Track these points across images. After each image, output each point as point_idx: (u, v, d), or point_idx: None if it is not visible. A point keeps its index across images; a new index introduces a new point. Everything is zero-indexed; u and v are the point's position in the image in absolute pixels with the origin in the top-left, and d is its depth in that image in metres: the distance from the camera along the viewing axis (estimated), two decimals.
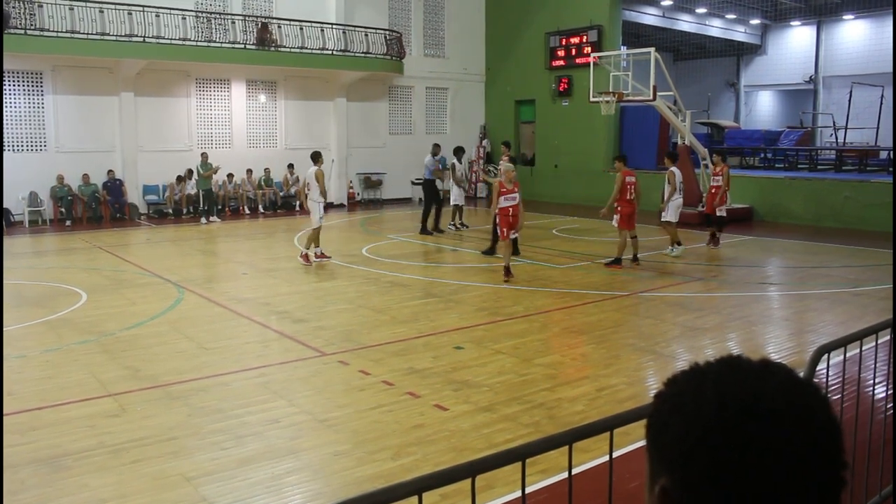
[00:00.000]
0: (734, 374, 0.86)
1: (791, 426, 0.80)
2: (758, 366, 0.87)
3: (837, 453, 0.82)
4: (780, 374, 0.86)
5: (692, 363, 0.91)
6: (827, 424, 0.83)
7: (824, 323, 8.44)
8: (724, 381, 0.85)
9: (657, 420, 0.88)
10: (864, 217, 16.13)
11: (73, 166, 18.14)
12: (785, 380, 0.85)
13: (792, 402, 0.82)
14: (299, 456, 4.91)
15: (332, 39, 21.07)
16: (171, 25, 18.33)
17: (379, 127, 23.56)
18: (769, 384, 0.84)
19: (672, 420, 0.85)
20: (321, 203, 12.25)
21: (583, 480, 4.19)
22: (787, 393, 0.83)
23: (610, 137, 21.53)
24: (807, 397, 0.84)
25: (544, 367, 6.75)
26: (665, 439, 0.86)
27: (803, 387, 0.85)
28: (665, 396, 0.89)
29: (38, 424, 5.40)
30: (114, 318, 8.62)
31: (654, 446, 0.88)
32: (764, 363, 0.87)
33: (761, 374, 0.85)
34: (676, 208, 12.73)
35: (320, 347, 7.41)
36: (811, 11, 31.12)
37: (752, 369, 0.87)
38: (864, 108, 26.07)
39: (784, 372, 0.87)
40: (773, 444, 0.79)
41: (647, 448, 0.90)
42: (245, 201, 20.40)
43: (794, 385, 0.85)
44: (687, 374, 0.89)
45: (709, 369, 0.88)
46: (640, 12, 28.86)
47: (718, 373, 0.87)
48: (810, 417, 0.82)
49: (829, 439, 0.82)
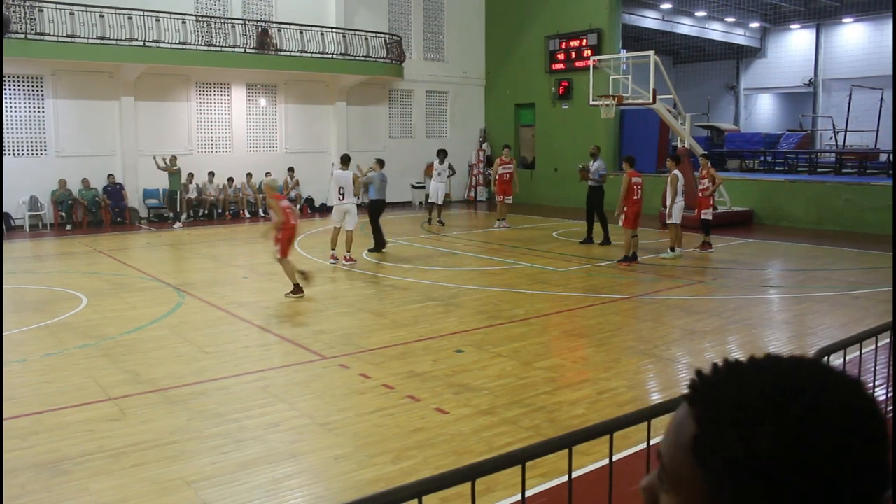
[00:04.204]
0: (785, 371, 0.78)
1: (857, 431, 0.73)
2: (808, 364, 0.79)
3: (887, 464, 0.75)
4: (831, 373, 0.78)
5: (724, 360, 0.83)
6: (881, 429, 0.75)
7: (824, 326, 8.43)
8: (774, 381, 0.77)
9: (705, 429, 0.78)
10: (863, 220, 16.13)
11: (74, 171, 18.15)
12: (836, 378, 0.77)
13: (849, 404, 0.75)
14: (299, 460, 4.91)
15: (332, 43, 21.10)
16: (172, 29, 18.35)
17: (379, 131, 23.58)
18: (828, 384, 0.76)
19: (722, 427, 0.76)
20: (355, 204, 12.58)
21: (583, 484, 4.19)
22: (847, 394, 0.76)
23: (610, 141, 21.53)
24: (864, 399, 0.76)
25: (544, 370, 6.75)
26: (714, 448, 0.76)
27: (857, 387, 0.77)
28: (709, 400, 0.79)
29: (39, 429, 5.40)
30: (114, 323, 8.62)
31: (695, 456, 0.78)
32: (810, 361, 0.80)
33: (813, 373, 0.78)
34: (679, 210, 12.78)
35: (320, 351, 7.41)
36: (811, 14, 31.16)
37: (803, 367, 0.79)
38: (863, 111, 26.09)
39: (831, 370, 0.79)
40: (840, 451, 0.72)
41: (674, 455, 0.81)
42: (245, 205, 20.41)
43: (848, 386, 0.77)
44: (729, 375, 0.80)
45: (750, 368, 0.80)
46: (640, 16, 28.90)
47: (770, 372, 0.78)
48: (869, 419, 0.75)
49: (884, 448, 0.75)
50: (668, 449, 0.82)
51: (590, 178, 14.53)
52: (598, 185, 14.53)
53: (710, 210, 13.61)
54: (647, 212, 13.60)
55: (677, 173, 12.75)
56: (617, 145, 21.64)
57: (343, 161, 12.93)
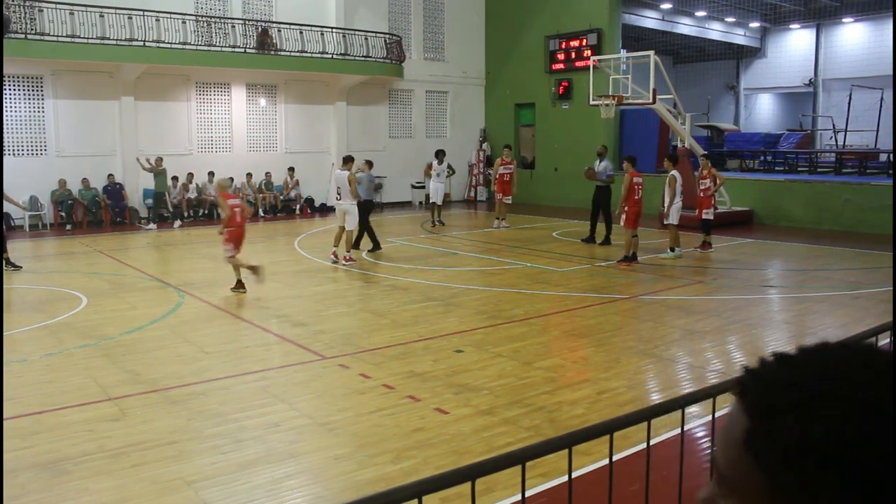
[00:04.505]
0: (841, 355, 0.74)
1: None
2: (861, 348, 0.74)
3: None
4: (886, 355, 0.73)
5: (772, 353, 0.77)
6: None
7: (824, 326, 8.44)
8: (830, 365, 0.73)
9: (758, 420, 0.72)
10: (863, 220, 16.14)
11: (74, 171, 18.15)
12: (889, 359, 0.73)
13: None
14: (299, 460, 4.91)
15: (332, 43, 21.10)
16: (172, 29, 18.35)
17: (379, 131, 23.58)
18: (887, 366, 0.72)
19: (775, 414, 0.71)
20: (354, 205, 12.60)
21: (583, 484, 4.19)
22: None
23: (610, 141, 21.52)
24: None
25: (544, 370, 6.75)
26: (769, 438, 0.71)
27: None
28: (760, 388, 0.74)
29: (39, 429, 5.40)
30: (114, 322, 8.62)
31: (749, 451, 0.73)
32: (862, 345, 0.75)
33: (867, 354, 0.73)
34: (677, 211, 12.78)
35: (320, 351, 7.41)
36: (811, 14, 31.15)
37: (858, 351, 0.74)
38: (863, 111, 26.09)
39: (886, 353, 0.75)
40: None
41: (728, 455, 0.75)
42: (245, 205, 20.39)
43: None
44: (780, 364, 0.75)
45: (801, 355, 0.75)
46: (640, 15, 28.89)
47: (822, 357, 0.74)
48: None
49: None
50: (722, 451, 0.77)
51: (597, 177, 14.54)
52: (605, 185, 14.55)
53: (712, 210, 13.60)
54: (646, 212, 13.60)
55: (675, 174, 12.75)
56: (617, 145, 21.63)
57: (344, 161, 12.95)
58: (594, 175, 14.59)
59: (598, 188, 14.64)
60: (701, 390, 3.14)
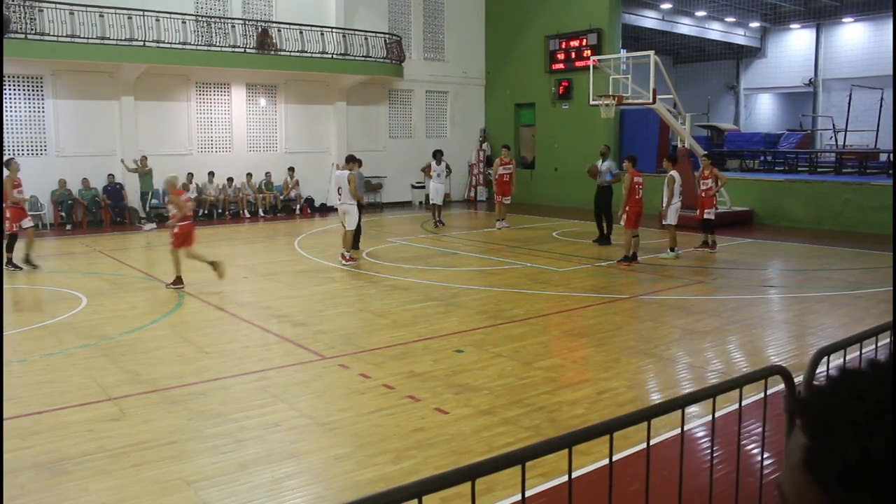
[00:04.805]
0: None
1: None
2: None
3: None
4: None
5: (864, 363, 0.74)
6: None
7: (824, 326, 8.44)
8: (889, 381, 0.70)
9: (817, 438, 0.70)
10: (863, 220, 16.13)
11: (74, 170, 18.14)
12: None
13: None
14: (299, 459, 4.91)
15: (332, 43, 21.10)
16: (172, 29, 18.35)
17: (379, 131, 23.58)
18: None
19: (835, 430, 0.69)
20: (354, 205, 12.62)
21: (583, 484, 4.20)
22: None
23: (610, 141, 21.51)
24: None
25: (544, 370, 6.75)
26: (829, 455, 0.69)
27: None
28: (819, 405, 0.72)
29: (39, 429, 5.40)
30: (114, 322, 8.62)
31: (809, 471, 0.70)
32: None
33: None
34: (675, 211, 12.79)
35: (320, 351, 7.41)
36: (811, 14, 31.15)
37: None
38: (863, 111, 26.09)
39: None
40: None
41: (790, 479, 0.73)
42: (245, 205, 20.41)
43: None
44: (840, 380, 0.73)
45: (862, 370, 0.73)
46: (640, 15, 28.89)
47: (885, 372, 0.71)
48: None
49: None
50: (785, 475, 0.75)
51: (600, 176, 14.56)
52: (606, 186, 14.57)
53: (713, 210, 13.61)
54: (646, 212, 13.60)
55: (674, 174, 12.75)
56: (617, 145, 21.62)
57: (346, 161, 12.94)
58: (597, 173, 14.60)
59: (599, 188, 14.65)
60: (701, 390, 3.14)
